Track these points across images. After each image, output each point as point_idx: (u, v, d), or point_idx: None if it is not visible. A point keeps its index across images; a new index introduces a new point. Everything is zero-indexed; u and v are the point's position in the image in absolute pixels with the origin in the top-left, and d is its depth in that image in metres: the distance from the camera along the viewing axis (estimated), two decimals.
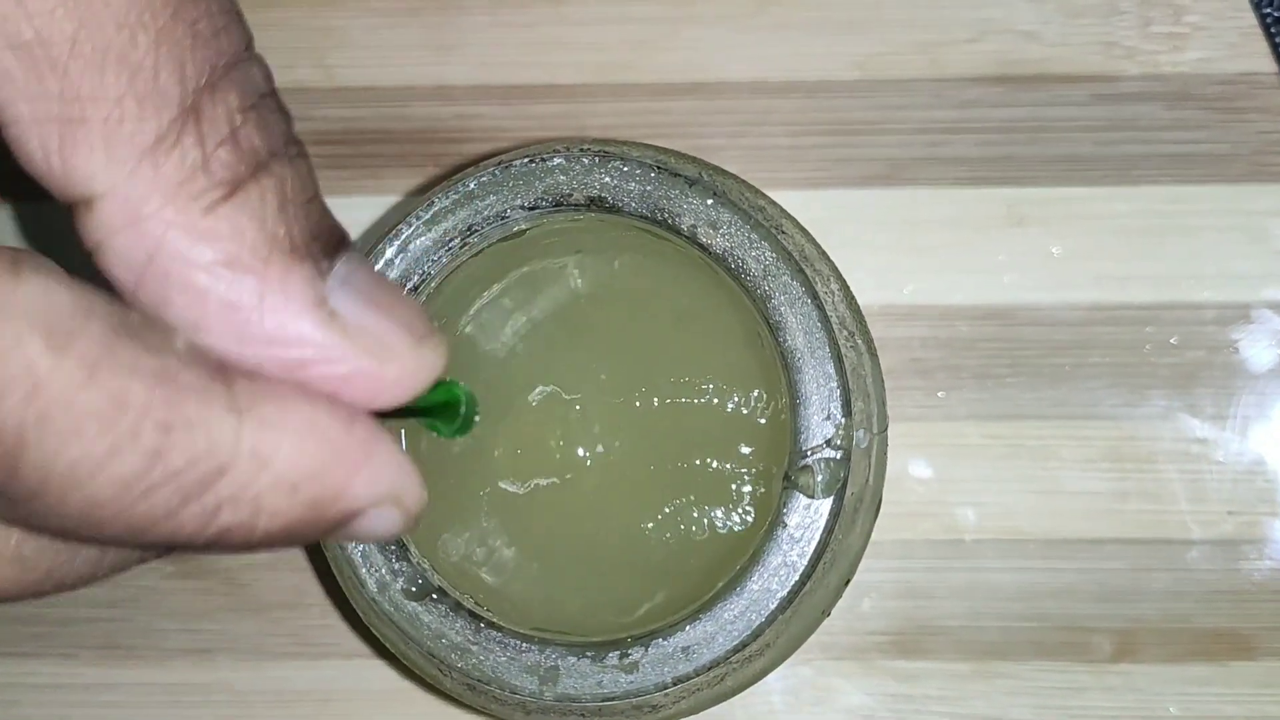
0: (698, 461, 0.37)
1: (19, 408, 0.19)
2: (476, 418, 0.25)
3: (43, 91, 0.20)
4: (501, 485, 0.38)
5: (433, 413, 0.24)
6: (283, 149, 0.22)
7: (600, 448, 0.38)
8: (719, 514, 0.37)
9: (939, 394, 0.46)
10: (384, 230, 0.37)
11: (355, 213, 0.47)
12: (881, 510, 0.39)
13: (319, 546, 0.41)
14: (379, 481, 0.22)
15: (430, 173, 0.47)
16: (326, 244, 0.22)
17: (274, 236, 0.21)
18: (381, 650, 0.43)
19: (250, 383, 0.21)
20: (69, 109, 0.20)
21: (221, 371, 0.21)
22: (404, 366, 0.22)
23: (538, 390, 0.38)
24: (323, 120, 0.47)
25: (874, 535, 0.39)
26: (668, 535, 0.38)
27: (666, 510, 0.38)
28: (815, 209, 0.45)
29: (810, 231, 0.38)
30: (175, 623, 0.47)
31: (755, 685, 0.38)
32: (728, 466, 0.37)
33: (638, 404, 0.38)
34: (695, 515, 0.37)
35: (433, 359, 0.23)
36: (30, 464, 0.19)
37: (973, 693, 0.45)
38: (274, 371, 0.21)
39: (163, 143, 0.20)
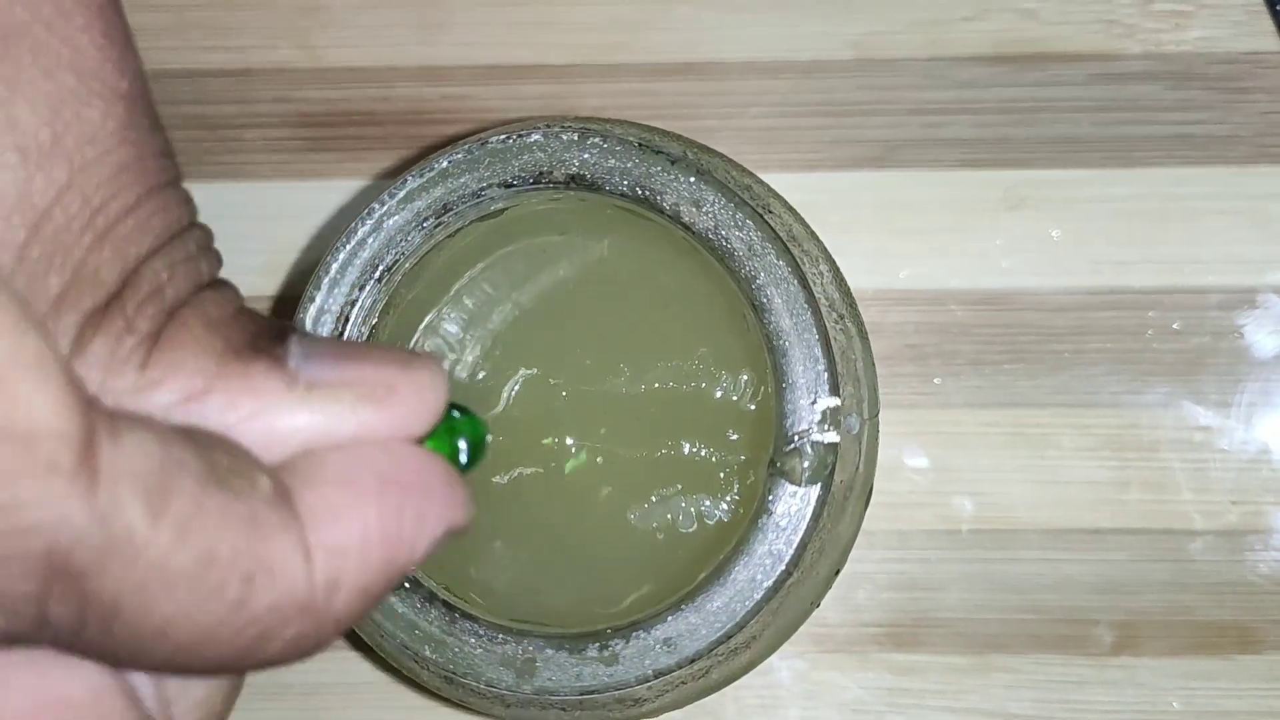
0: (685, 448, 0.37)
1: (119, 575, 0.19)
2: (489, 438, 0.24)
3: None
4: (484, 478, 0.38)
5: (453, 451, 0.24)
6: (202, 286, 0.22)
7: (584, 435, 0.37)
8: (707, 502, 0.37)
9: (935, 381, 0.45)
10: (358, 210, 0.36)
11: (337, 196, 0.47)
12: (876, 500, 0.38)
13: None
14: (441, 524, 0.22)
15: (415, 155, 0.47)
16: (271, 335, 0.22)
17: (214, 350, 0.21)
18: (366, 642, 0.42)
19: (310, 493, 0.21)
20: None
21: (286, 494, 0.20)
22: (406, 394, 0.22)
23: (520, 376, 0.38)
24: (305, 102, 0.47)
25: (868, 525, 0.38)
26: (654, 524, 0.37)
27: (653, 499, 0.37)
28: (808, 191, 0.45)
29: (803, 214, 0.38)
30: None
31: (746, 678, 0.38)
32: (715, 453, 0.37)
33: (623, 389, 0.37)
34: (682, 503, 0.37)
35: (431, 375, 0.22)
36: (123, 625, 0.19)
37: (971, 686, 0.45)
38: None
39: (91, 322, 0.20)
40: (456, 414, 0.23)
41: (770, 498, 0.34)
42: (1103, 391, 0.45)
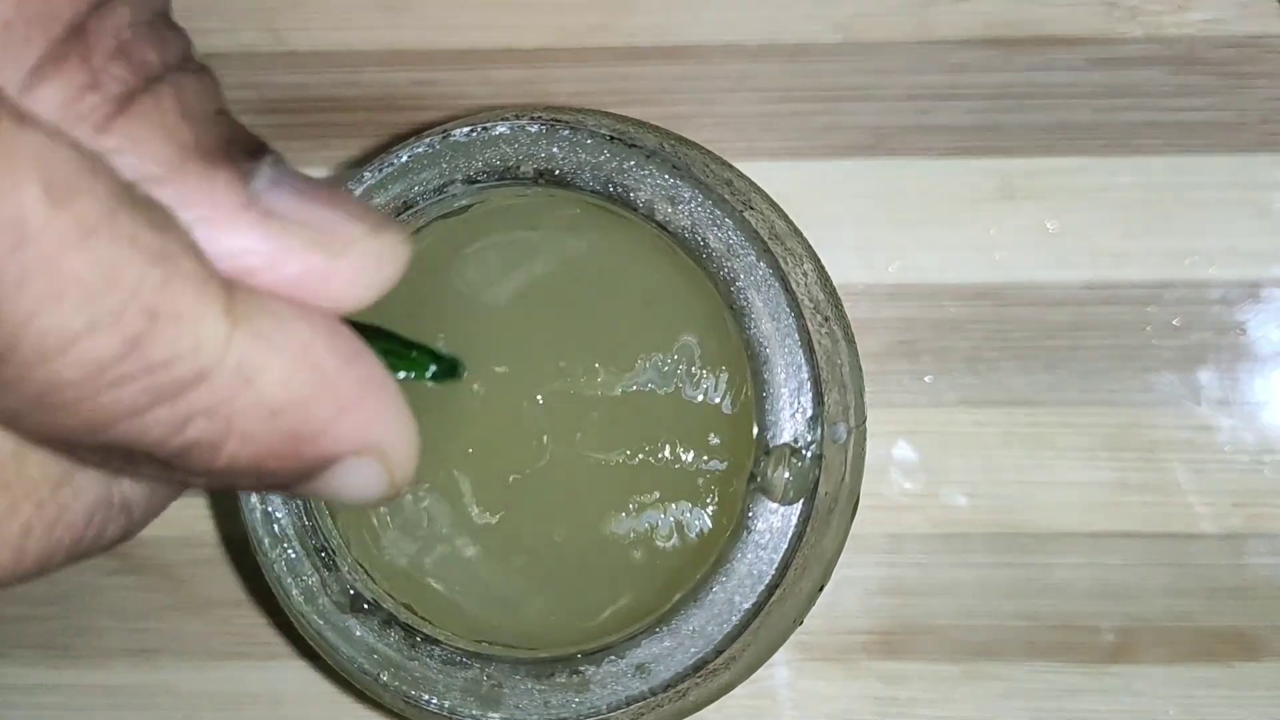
0: (663, 453, 0.36)
1: (1, 259, 0.17)
2: (465, 372, 0.24)
3: None
4: (454, 484, 0.37)
5: (406, 350, 0.23)
6: (179, 63, 0.20)
7: (557, 440, 0.36)
8: (686, 512, 0.36)
9: (926, 378, 0.45)
10: None
11: None
12: (865, 503, 0.38)
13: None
14: (368, 428, 0.21)
15: (384, 143, 0.46)
16: (246, 148, 0.20)
17: (183, 144, 0.20)
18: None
19: (250, 294, 0.20)
20: None
21: (222, 275, 0.19)
22: (362, 256, 0.20)
23: (490, 381, 0.37)
24: (270, 87, 0.46)
25: (857, 528, 0.38)
26: (631, 534, 0.36)
27: (630, 507, 0.36)
28: (793, 181, 0.45)
29: (788, 205, 0.37)
30: (116, 621, 0.46)
31: None
32: (695, 459, 0.36)
33: (598, 392, 0.36)
34: (661, 513, 0.36)
35: (393, 247, 0.21)
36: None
37: (962, 695, 0.44)
38: None
39: (48, 63, 0.19)
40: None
41: (750, 514, 0.33)
42: (1100, 389, 0.44)
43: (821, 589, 0.36)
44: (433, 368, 0.24)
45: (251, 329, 0.19)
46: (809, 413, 0.33)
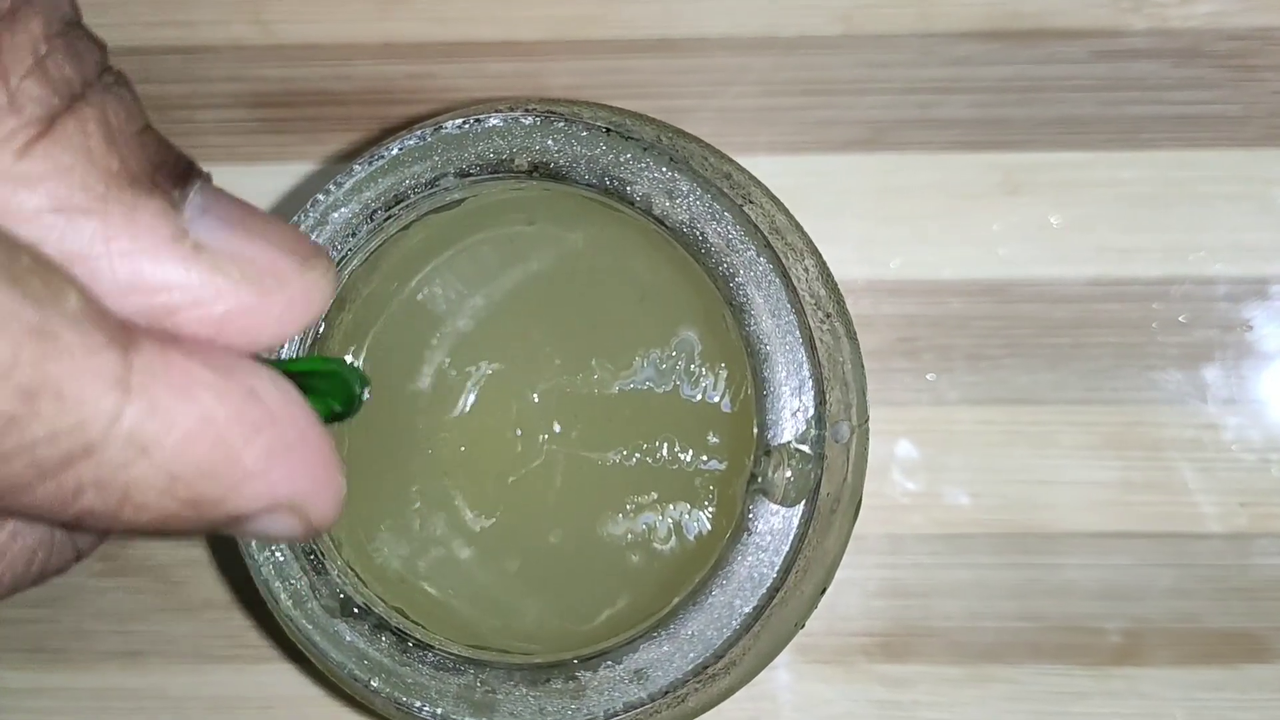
0: (661, 452, 0.36)
1: None
2: (367, 395, 0.23)
3: None
4: (447, 485, 0.37)
5: (313, 381, 0.22)
6: (97, 78, 0.20)
7: (553, 439, 0.36)
8: (684, 513, 0.36)
9: (929, 376, 0.44)
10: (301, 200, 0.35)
11: (296, 180, 0.46)
12: (866, 503, 0.38)
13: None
14: (278, 489, 0.20)
15: (376, 137, 0.46)
16: (174, 173, 0.20)
17: (107, 170, 0.19)
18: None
19: (154, 356, 0.19)
20: None
21: (122, 337, 0.18)
22: (291, 294, 0.20)
23: (484, 379, 0.36)
24: (259, 80, 0.46)
25: (858, 529, 0.38)
26: (629, 536, 0.36)
27: (627, 507, 0.36)
28: (793, 176, 0.44)
29: (786, 200, 0.37)
30: (105, 624, 0.46)
31: None
32: (693, 458, 0.35)
33: (594, 392, 0.36)
34: (658, 514, 0.36)
35: (322, 282, 0.20)
36: None
37: (966, 698, 0.44)
38: (140, 324, 0.19)
39: None
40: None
41: (750, 515, 0.33)
42: (1105, 387, 0.44)
43: (824, 591, 0.36)
44: (335, 407, 0.23)
45: (147, 400, 0.18)
46: (810, 411, 0.33)
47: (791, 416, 0.33)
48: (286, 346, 0.34)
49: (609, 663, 0.33)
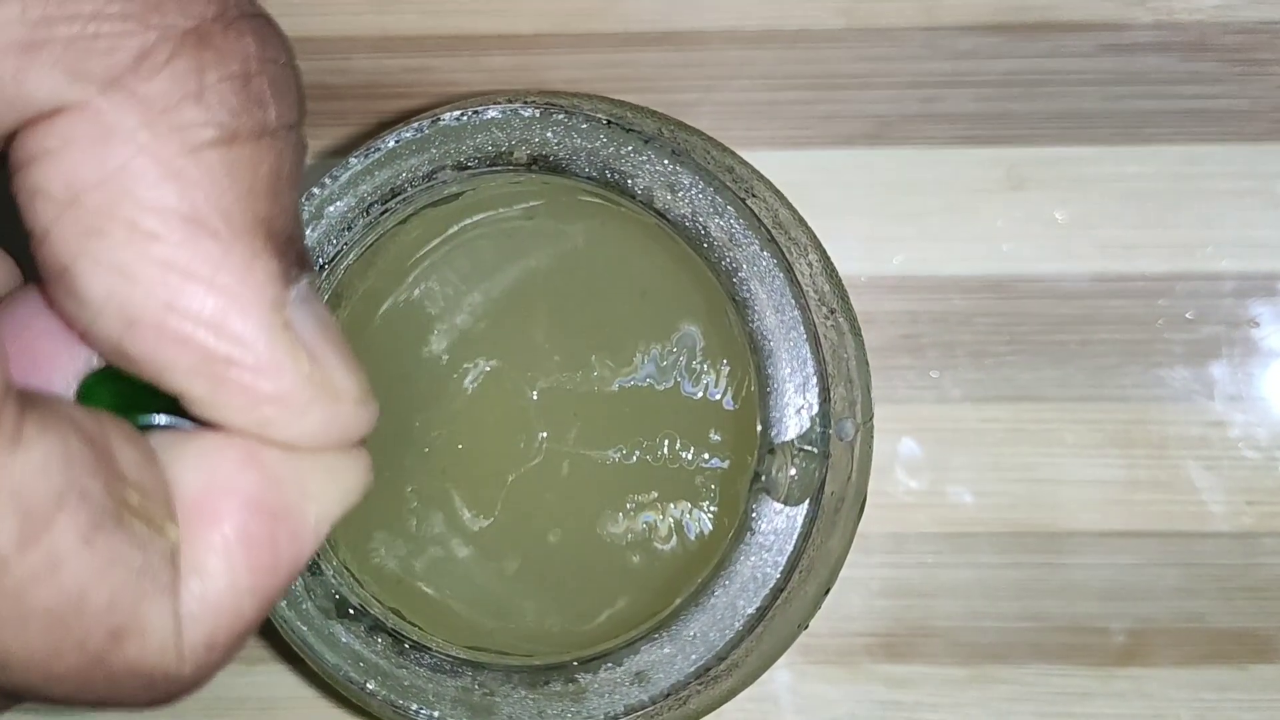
0: (662, 450, 0.36)
1: None
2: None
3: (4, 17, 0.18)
4: (444, 484, 0.36)
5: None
6: (294, 123, 0.19)
7: (552, 437, 0.36)
8: (686, 513, 0.35)
9: (932, 374, 0.44)
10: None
11: None
12: (869, 502, 0.37)
13: None
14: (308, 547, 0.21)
15: (373, 131, 0.46)
16: (299, 252, 0.20)
17: (254, 213, 0.19)
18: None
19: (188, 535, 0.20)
20: (35, 32, 0.17)
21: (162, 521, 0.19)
22: (336, 413, 0.20)
23: (482, 375, 0.36)
24: None
25: (861, 528, 0.38)
26: (629, 535, 0.36)
27: (628, 506, 0.36)
28: (796, 170, 0.44)
29: (789, 195, 0.37)
30: None
31: None
32: (694, 460, 0.35)
33: (594, 389, 0.36)
34: (659, 514, 0.36)
35: (364, 422, 0.21)
36: None
37: (969, 699, 0.44)
38: (186, 359, 0.19)
39: (149, 59, 0.18)
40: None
41: (753, 514, 0.33)
42: (1110, 384, 0.44)
43: (827, 592, 0.36)
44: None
45: (199, 604, 0.20)
46: (815, 409, 0.32)
47: (795, 414, 0.32)
48: None
49: (609, 664, 0.33)
